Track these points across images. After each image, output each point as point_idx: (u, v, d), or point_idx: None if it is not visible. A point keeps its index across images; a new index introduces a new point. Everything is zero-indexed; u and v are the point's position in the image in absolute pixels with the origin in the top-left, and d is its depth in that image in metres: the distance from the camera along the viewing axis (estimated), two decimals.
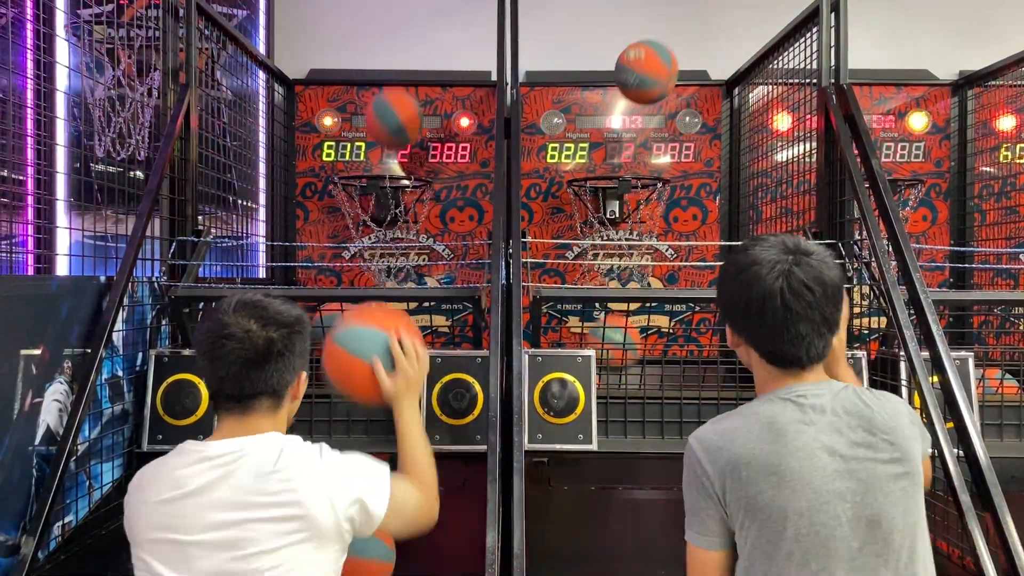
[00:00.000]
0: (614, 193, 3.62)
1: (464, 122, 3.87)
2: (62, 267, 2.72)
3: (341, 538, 1.45)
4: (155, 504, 1.41)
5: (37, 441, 2.00)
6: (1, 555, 1.89)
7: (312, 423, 2.42)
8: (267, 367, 1.45)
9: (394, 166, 3.89)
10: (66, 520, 2.05)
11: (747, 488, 1.30)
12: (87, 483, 2.13)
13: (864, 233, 2.47)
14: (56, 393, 2.07)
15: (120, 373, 2.27)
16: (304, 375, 1.56)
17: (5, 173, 2.56)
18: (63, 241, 2.81)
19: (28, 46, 2.73)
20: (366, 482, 1.48)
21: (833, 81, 2.79)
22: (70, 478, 2.02)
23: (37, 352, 2.02)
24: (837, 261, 1.42)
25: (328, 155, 3.88)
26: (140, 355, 2.37)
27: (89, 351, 2.13)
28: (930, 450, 1.82)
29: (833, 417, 1.33)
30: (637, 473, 2.85)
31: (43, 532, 1.86)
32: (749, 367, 1.47)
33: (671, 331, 3.56)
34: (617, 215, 3.63)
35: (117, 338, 2.24)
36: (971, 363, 2.32)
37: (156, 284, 2.46)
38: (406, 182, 3.72)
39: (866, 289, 2.58)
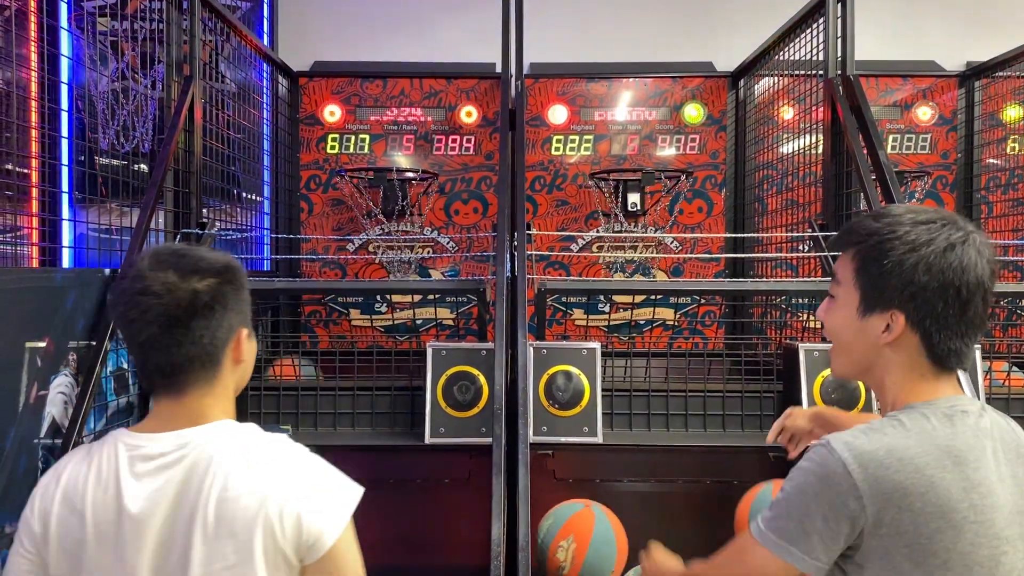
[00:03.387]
0: (636, 186, 3.60)
1: (468, 114, 3.86)
2: (67, 260, 2.72)
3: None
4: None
5: (42, 433, 2.00)
6: (7, 547, 1.89)
7: (317, 415, 2.42)
8: (193, 324, 1.23)
9: (400, 159, 3.89)
10: None
11: (919, 526, 1.06)
12: None
13: None
14: (61, 385, 2.06)
15: (125, 365, 2.27)
16: (246, 332, 1.31)
17: (10, 166, 2.55)
18: (67, 234, 2.80)
19: (32, 38, 2.72)
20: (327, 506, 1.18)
21: (840, 72, 2.77)
22: None
23: (42, 345, 2.02)
24: None
25: (332, 147, 3.87)
26: None
27: (94, 343, 2.13)
28: None
29: (999, 443, 1.12)
30: (642, 466, 2.85)
31: None
32: (882, 368, 1.17)
33: (676, 323, 3.55)
34: (639, 207, 3.62)
35: None
36: (978, 356, 2.32)
37: None
38: (411, 175, 3.71)
39: None
